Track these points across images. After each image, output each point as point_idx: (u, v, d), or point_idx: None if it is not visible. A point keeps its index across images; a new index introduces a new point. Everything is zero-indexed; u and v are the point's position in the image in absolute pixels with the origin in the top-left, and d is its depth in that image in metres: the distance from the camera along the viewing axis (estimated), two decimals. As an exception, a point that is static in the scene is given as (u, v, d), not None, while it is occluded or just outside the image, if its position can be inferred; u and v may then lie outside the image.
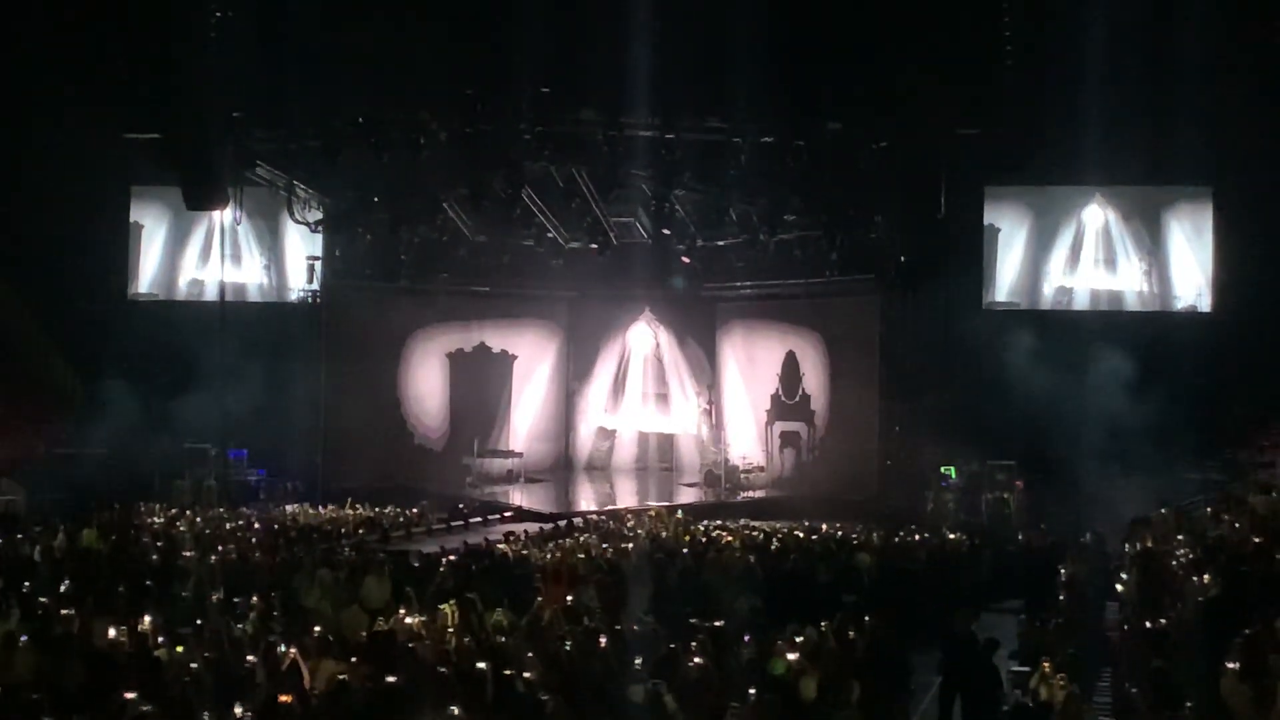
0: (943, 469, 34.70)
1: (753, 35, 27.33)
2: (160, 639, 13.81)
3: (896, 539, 25.98)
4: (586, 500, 37.92)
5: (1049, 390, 32.26)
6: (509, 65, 29.37)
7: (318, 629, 14.29)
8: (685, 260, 38.08)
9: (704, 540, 24.28)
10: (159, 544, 22.36)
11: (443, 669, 12.35)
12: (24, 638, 13.35)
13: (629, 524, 28.49)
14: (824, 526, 28.92)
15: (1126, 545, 22.08)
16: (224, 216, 35.99)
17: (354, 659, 12.80)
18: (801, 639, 14.05)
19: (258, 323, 37.18)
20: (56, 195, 36.40)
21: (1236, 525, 21.56)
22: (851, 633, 14.59)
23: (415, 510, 31.77)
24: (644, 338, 42.46)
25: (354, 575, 18.50)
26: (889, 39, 29.13)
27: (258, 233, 40.62)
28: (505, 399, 41.65)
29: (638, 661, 12.95)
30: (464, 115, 30.60)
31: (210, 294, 39.58)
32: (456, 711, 10.70)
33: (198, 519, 28.09)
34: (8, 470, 32.71)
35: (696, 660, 12.98)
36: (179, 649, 13.32)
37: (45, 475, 32.93)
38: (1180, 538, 21.28)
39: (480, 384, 40.93)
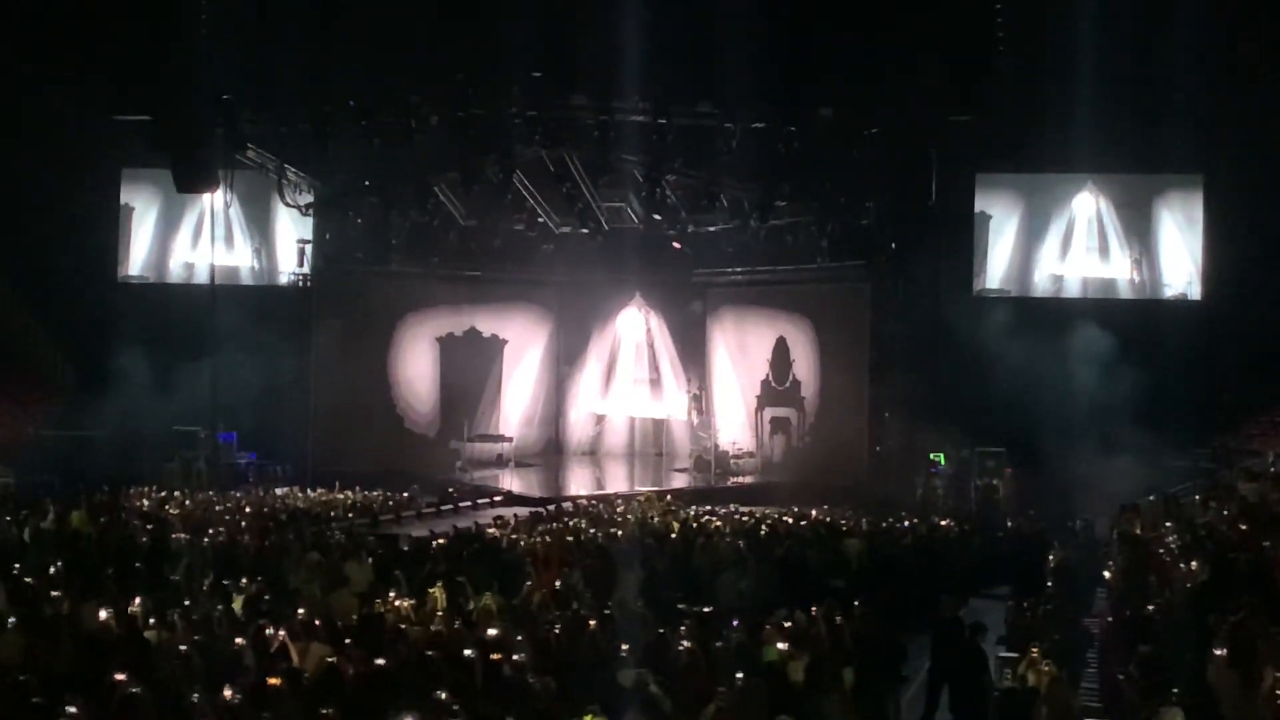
0: (932, 456, 34.75)
1: (744, 21, 27.31)
2: (150, 621, 13.82)
3: (885, 525, 26.01)
4: (576, 485, 37.93)
5: (1039, 377, 32.29)
6: (500, 50, 29.37)
7: (303, 611, 14.29)
8: (676, 245, 38.09)
9: (693, 526, 24.29)
10: (149, 526, 22.33)
11: (431, 653, 12.37)
12: (12, 620, 13.35)
13: (619, 509, 28.48)
14: (813, 512, 28.92)
15: (1115, 532, 22.12)
16: (215, 199, 35.98)
17: (343, 642, 12.82)
18: (790, 624, 14.08)
19: (248, 306, 37.09)
20: (47, 177, 36.38)
21: (1225, 512, 21.62)
22: (839, 618, 14.62)
23: (405, 494, 31.80)
24: (634, 323, 42.43)
25: (342, 558, 18.52)
26: (881, 25, 29.12)
27: (248, 216, 40.61)
28: (495, 383, 41.64)
29: (626, 646, 12.96)
30: (455, 99, 30.60)
31: (201, 277, 39.56)
32: (444, 695, 10.72)
33: (187, 501, 28.08)
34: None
35: (685, 645, 13.00)
36: (168, 631, 13.33)
37: (35, 457, 32.93)
38: (1169, 525, 21.32)
39: (470, 368, 40.90)
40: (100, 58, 32.30)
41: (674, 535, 22.22)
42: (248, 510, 26.37)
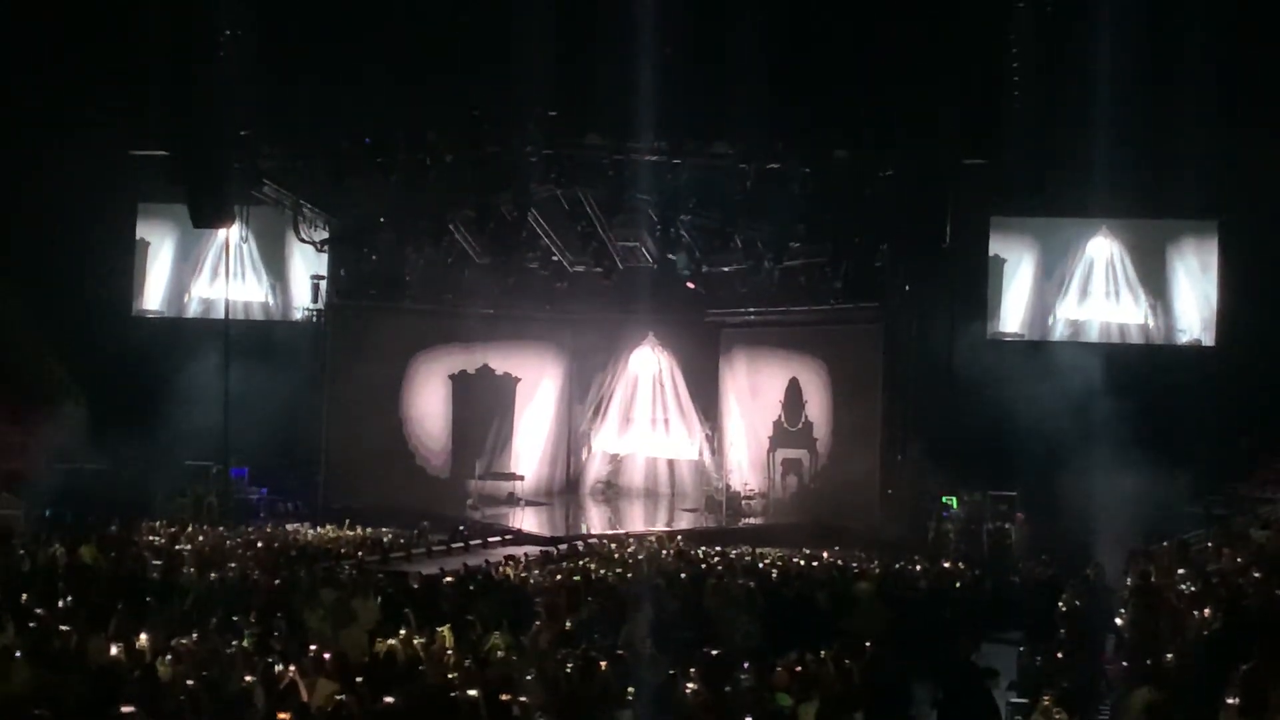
0: (944, 499, 34.64)
1: (760, 62, 27.41)
2: (159, 655, 13.81)
3: (897, 568, 25.94)
4: (587, 524, 37.86)
5: (1051, 421, 32.19)
6: (516, 88, 29.47)
7: (315, 648, 14.27)
8: (690, 285, 38.13)
9: (704, 566, 24.24)
10: (159, 561, 22.35)
11: (440, 691, 12.34)
12: (19, 653, 13.33)
13: (629, 549, 28.46)
14: (824, 554, 28.86)
15: (1127, 578, 22.03)
16: (230, 234, 36.09)
17: (352, 679, 12.80)
18: (800, 667, 14.02)
19: (262, 341, 37.22)
20: (64, 211, 36.47)
21: (1238, 559, 21.54)
22: (848, 661, 14.55)
23: (415, 531, 31.72)
24: (647, 362, 42.45)
25: (352, 595, 18.50)
26: (896, 68, 29.20)
27: (264, 251, 40.67)
28: (508, 421, 41.61)
29: (633, 689, 12.93)
30: (471, 137, 30.72)
31: (215, 311, 39.59)
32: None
33: (199, 536, 28.11)
34: (7, 484, 32.68)
35: (694, 687, 12.95)
36: (177, 666, 13.32)
37: (45, 490, 32.91)
38: (1181, 571, 21.24)
39: (483, 406, 40.92)
40: (118, 93, 32.45)
41: (684, 576, 22.15)
42: (258, 546, 26.36)
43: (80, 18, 33.83)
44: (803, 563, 26.21)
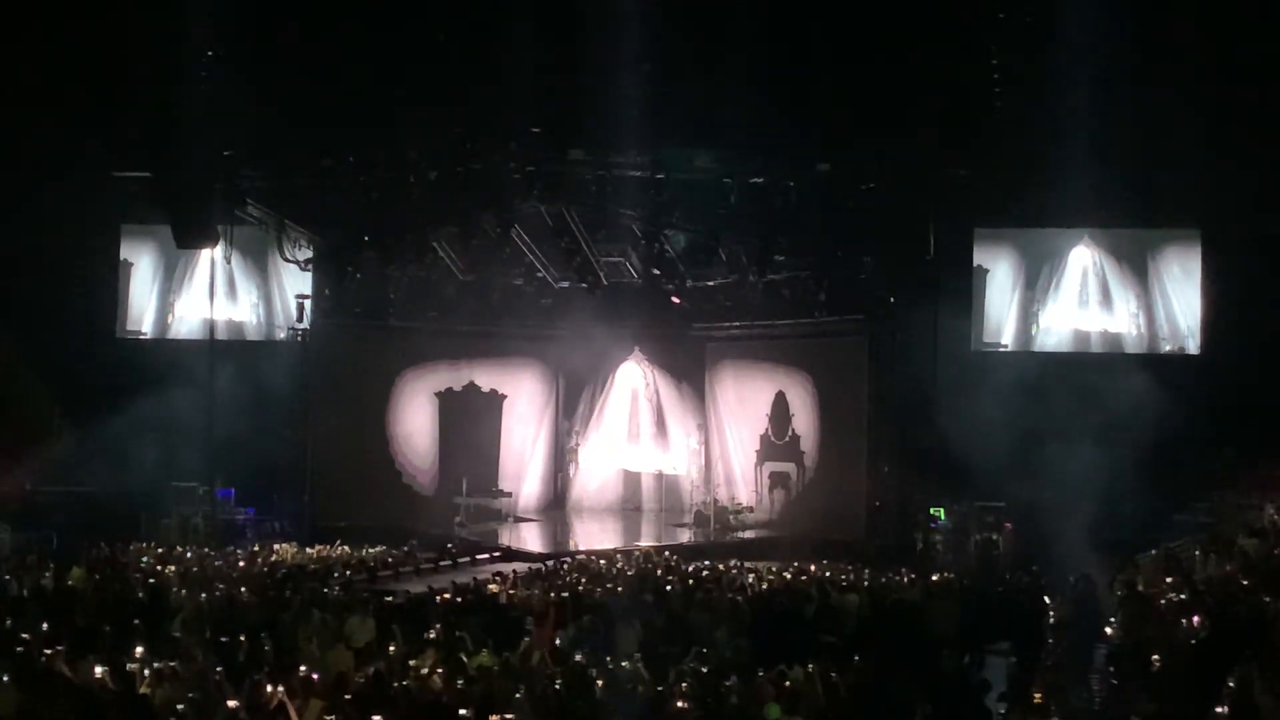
0: (931, 510, 34.66)
1: (742, 76, 27.46)
2: (147, 677, 13.76)
3: (885, 580, 25.92)
4: (575, 540, 37.74)
5: (1037, 432, 32.20)
6: (499, 104, 29.49)
7: (304, 668, 14.23)
8: (675, 299, 38.16)
9: (692, 581, 24.19)
10: (147, 583, 22.26)
11: (429, 709, 12.32)
12: (4, 677, 13.28)
13: (618, 564, 28.40)
14: (813, 567, 28.82)
15: (1115, 587, 22.05)
16: (214, 255, 36.01)
17: (341, 698, 12.76)
18: (788, 682, 14.02)
19: (246, 361, 37.05)
20: (46, 233, 36.36)
21: (1226, 567, 21.58)
22: (834, 674, 14.54)
23: (404, 550, 31.64)
24: (634, 377, 42.41)
25: (341, 615, 18.46)
26: (878, 80, 29.25)
27: (247, 271, 40.54)
28: (494, 438, 41.51)
29: (623, 704, 12.91)
30: (454, 154, 30.71)
31: (199, 332, 39.50)
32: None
33: (187, 554, 28.04)
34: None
35: (682, 703, 12.93)
36: (165, 688, 13.27)
37: (32, 513, 32.81)
38: (1169, 580, 21.26)
39: (469, 423, 40.80)
40: (100, 114, 32.38)
41: (672, 590, 22.13)
42: (244, 566, 26.28)
43: (61, 39, 33.75)
44: (791, 576, 26.17)
